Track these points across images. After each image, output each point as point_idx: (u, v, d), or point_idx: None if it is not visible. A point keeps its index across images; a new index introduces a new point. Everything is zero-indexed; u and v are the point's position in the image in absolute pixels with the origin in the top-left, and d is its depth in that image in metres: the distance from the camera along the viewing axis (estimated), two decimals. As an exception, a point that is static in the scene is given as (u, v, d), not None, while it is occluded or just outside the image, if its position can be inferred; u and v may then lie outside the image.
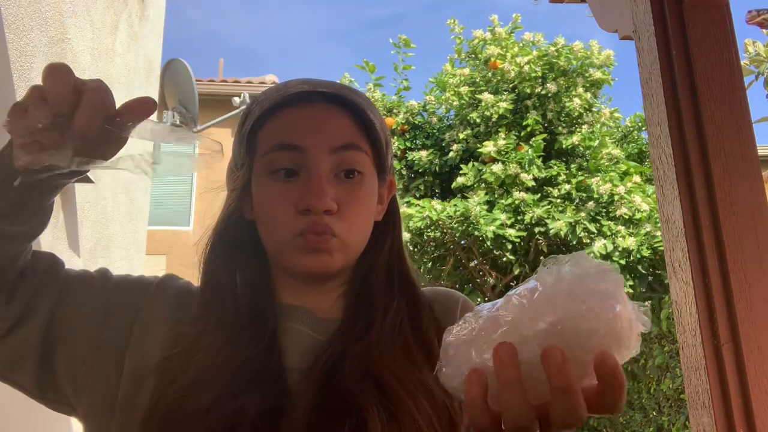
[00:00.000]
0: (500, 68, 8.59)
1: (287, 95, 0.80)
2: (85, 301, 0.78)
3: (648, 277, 7.67)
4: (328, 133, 0.79)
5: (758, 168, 1.16)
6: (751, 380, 1.05)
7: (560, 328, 0.48)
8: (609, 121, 9.38)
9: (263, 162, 0.80)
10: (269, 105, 0.80)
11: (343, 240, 0.78)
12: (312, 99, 0.81)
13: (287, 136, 0.78)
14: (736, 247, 1.11)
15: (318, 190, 0.76)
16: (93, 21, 3.62)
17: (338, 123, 0.80)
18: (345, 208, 0.78)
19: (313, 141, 0.78)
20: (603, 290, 0.49)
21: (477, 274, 8.82)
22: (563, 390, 0.47)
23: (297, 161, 0.78)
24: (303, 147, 0.77)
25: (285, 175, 0.78)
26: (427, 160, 8.65)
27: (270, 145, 0.79)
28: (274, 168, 0.78)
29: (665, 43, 1.23)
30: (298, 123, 0.79)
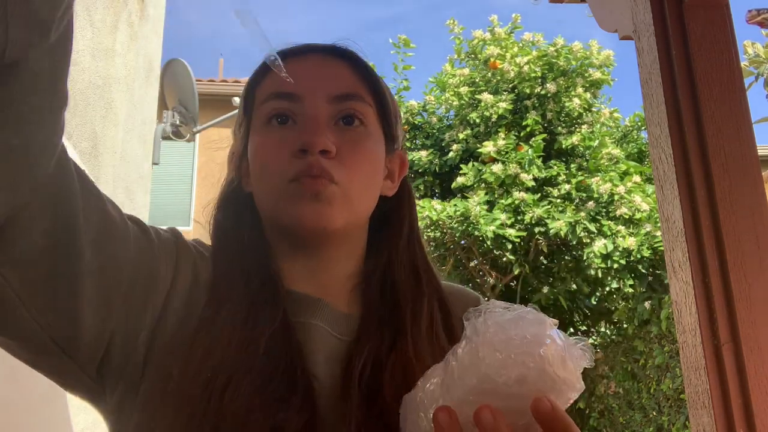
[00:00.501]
0: (500, 68, 8.59)
1: (286, 50, 0.77)
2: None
3: (648, 277, 7.67)
4: (326, 80, 0.74)
5: (758, 168, 1.16)
6: (751, 380, 1.05)
7: (490, 382, 0.48)
8: (609, 121, 9.39)
9: (258, 114, 0.75)
10: (265, 63, 0.77)
11: (344, 189, 0.70)
12: (307, 51, 0.77)
13: (283, 84, 0.72)
14: (736, 247, 1.11)
15: (314, 127, 0.70)
16: (93, 21, 3.62)
17: (337, 71, 0.76)
18: (345, 155, 0.71)
19: (311, 89, 0.73)
20: (524, 336, 0.49)
21: (477, 274, 8.82)
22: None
23: (293, 110, 0.73)
24: (299, 95, 0.72)
25: (280, 122, 0.73)
26: (426, 160, 8.65)
27: (265, 96, 0.75)
28: (269, 116, 0.73)
29: (665, 43, 1.23)
30: (295, 72, 0.73)
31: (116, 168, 4.19)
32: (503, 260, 8.15)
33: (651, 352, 7.07)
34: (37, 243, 0.54)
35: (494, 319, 0.51)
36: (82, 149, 3.44)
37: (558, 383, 0.49)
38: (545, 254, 8.38)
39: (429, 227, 7.79)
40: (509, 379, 0.48)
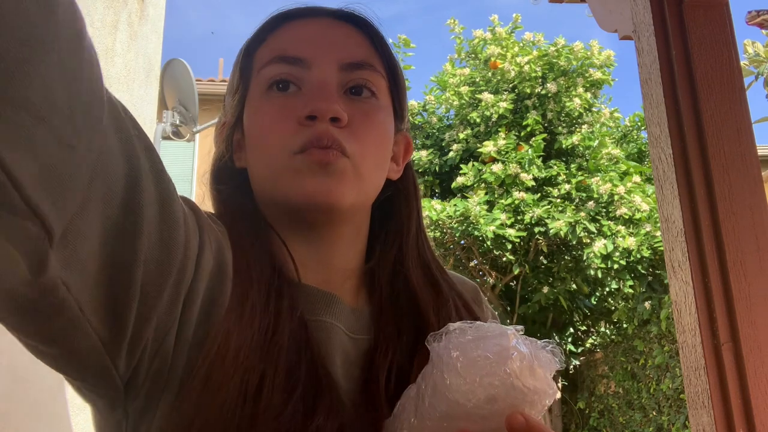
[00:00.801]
0: (500, 68, 8.60)
1: (293, 9, 0.68)
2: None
3: (648, 277, 7.67)
4: (337, 46, 0.66)
5: (758, 168, 1.16)
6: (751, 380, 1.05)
7: (460, 407, 0.48)
8: (609, 121, 9.39)
9: (259, 79, 0.65)
10: (268, 20, 0.68)
11: (355, 163, 0.62)
12: (318, 13, 0.68)
13: (289, 47, 0.65)
14: (736, 247, 1.11)
15: (325, 92, 0.62)
16: (93, 21, 3.62)
17: (349, 37, 0.67)
18: (356, 126, 0.63)
19: (320, 54, 0.64)
20: (487, 356, 0.48)
21: (477, 274, 8.82)
22: None
23: (299, 75, 0.64)
24: (307, 59, 0.64)
25: (282, 88, 0.64)
26: (427, 159, 8.66)
27: (268, 58, 0.65)
28: (272, 81, 0.64)
29: (665, 43, 1.23)
30: (301, 35, 0.66)
31: (116, 168, 4.19)
32: (503, 260, 8.15)
33: (651, 352, 7.07)
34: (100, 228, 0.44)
35: (456, 343, 0.50)
36: (82, 149, 3.44)
37: (529, 395, 0.48)
38: (545, 254, 8.39)
39: (429, 227, 7.79)
40: (479, 401, 0.48)
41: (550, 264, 8.57)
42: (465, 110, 8.78)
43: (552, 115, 8.49)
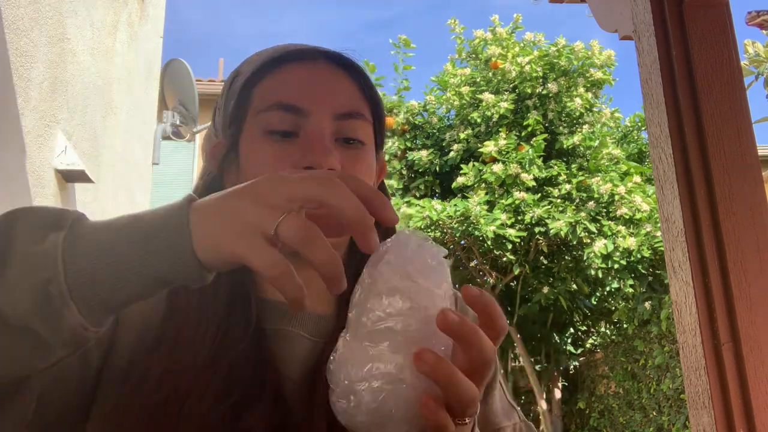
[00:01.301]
0: (501, 68, 8.60)
1: (286, 51, 0.73)
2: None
3: (648, 277, 7.67)
4: (333, 96, 0.72)
5: (758, 168, 1.16)
6: (751, 380, 1.05)
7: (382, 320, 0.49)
8: (609, 121, 9.39)
9: (257, 120, 0.71)
10: (267, 58, 0.73)
11: None
12: (315, 56, 0.74)
13: (288, 94, 0.70)
14: (736, 247, 1.11)
15: (322, 146, 0.67)
16: (93, 21, 3.62)
17: (343, 87, 0.73)
18: (347, 172, 0.68)
19: (317, 104, 0.70)
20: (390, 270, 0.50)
21: (477, 274, 8.82)
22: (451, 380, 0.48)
23: (297, 123, 0.70)
24: (305, 110, 0.70)
25: (282, 135, 0.70)
26: (427, 160, 8.65)
27: (268, 103, 0.71)
28: (271, 128, 0.70)
29: (665, 43, 1.23)
30: (300, 81, 0.71)
31: (116, 168, 4.20)
32: (503, 260, 8.15)
33: (651, 352, 7.07)
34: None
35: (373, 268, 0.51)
36: (82, 149, 3.44)
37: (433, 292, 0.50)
38: (545, 254, 8.39)
39: (429, 227, 7.79)
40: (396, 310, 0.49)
41: (551, 264, 8.56)
42: (466, 110, 8.78)
43: (553, 115, 8.49)
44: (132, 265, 0.46)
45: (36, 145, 2.83)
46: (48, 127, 2.97)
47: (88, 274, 0.45)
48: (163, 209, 0.49)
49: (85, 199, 3.56)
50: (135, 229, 0.47)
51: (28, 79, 2.72)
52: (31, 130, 2.77)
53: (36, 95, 2.81)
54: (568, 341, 9.66)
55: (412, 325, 0.49)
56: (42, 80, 2.88)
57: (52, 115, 3.01)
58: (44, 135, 2.93)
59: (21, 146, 2.69)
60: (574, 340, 9.76)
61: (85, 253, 0.46)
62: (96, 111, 3.71)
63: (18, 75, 2.62)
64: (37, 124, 2.84)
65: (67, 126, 3.21)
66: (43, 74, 2.89)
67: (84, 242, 0.47)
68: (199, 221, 0.47)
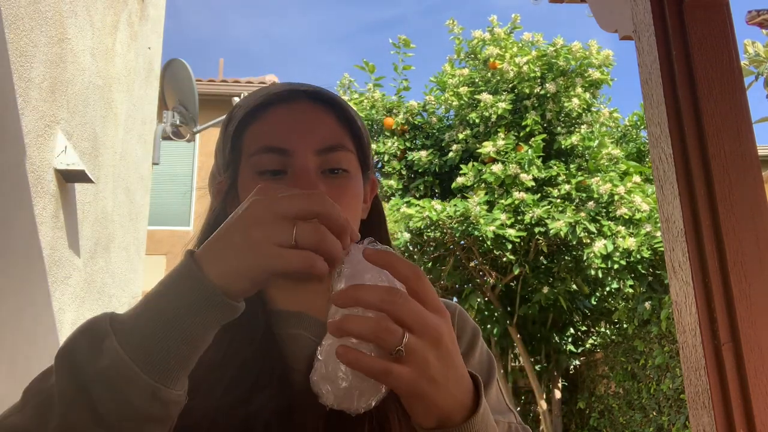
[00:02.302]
0: (499, 68, 8.60)
1: (270, 95, 0.80)
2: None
3: (648, 277, 7.67)
4: (314, 133, 0.79)
5: (758, 168, 1.16)
6: (751, 380, 1.05)
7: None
8: (608, 121, 9.40)
9: (250, 163, 0.79)
10: (253, 105, 0.80)
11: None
12: (295, 97, 0.81)
13: (273, 138, 0.78)
14: (736, 247, 1.11)
15: (307, 181, 0.75)
16: (93, 21, 3.62)
17: (322, 122, 0.80)
18: (335, 201, 0.76)
19: (299, 143, 0.77)
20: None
21: (477, 274, 8.82)
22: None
23: (284, 163, 0.77)
24: (290, 150, 0.77)
25: (272, 174, 0.77)
26: (426, 160, 8.66)
27: (256, 147, 0.78)
28: (262, 169, 0.78)
29: (665, 43, 1.23)
30: (283, 124, 0.79)
31: (116, 168, 4.19)
32: (503, 260, 8.15)
33: (651, 352, 7.07)
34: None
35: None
36: (82, 149, 3.44)
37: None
38: (545, 254, 8.39)
39: (429, 227, 7.79)
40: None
41: (550, 264, 8.57)
42: (464, 111, 8.79)
43: (551, 116, 8.49)
44: (172, 328, 0.55)
45: (36, 145, 2.83)
46: (48, 127, 2.97)
47: (153, 359, 0.54)
48: (172, 271, 0.58)
49: (85, 199, 3.56)
50: (159, 303, 0.56)
51: (28, 79, 2.72)
52: (31, 130, 2.77)
53: (36, 95, 2.81)
54: (568, 341, 9.66)
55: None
56: (42, 80, 2.88)
57: (52, 115, 3.01)
58: (44, 135, 2.93)
59: (21, 146, 2.69)
60: (574, 340, 9.76)
61: (138, 343, 0.54)
62: (96, 111, 3.70)
63: (18, 75, 2.62)
64: (37, 124, 2.84)
65: (67, 126, 3.21)
66: (43, 74, 2.89)
67: (130, 335, 0.55)
68: (208, 260, 0.56)
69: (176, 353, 0.55)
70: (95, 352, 0.54)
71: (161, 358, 0.54)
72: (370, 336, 0.52)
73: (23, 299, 2.78)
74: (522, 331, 9.02)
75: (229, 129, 0.82)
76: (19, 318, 2.74)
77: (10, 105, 2.57)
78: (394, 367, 0.53)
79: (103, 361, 0.54)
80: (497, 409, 0.83)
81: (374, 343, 0.53)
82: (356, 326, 0.52)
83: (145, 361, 0.54)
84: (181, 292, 0.55)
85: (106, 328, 0.55)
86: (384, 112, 9.32)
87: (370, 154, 0.89)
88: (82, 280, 3.52)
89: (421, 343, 0.53)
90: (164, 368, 0.54)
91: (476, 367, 0.86)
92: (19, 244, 2.73)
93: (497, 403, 0.84)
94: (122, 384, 0.53)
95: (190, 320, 0.55)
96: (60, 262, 3.17)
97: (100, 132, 3.81)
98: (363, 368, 0.52)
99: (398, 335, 0.52)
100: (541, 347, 9.35)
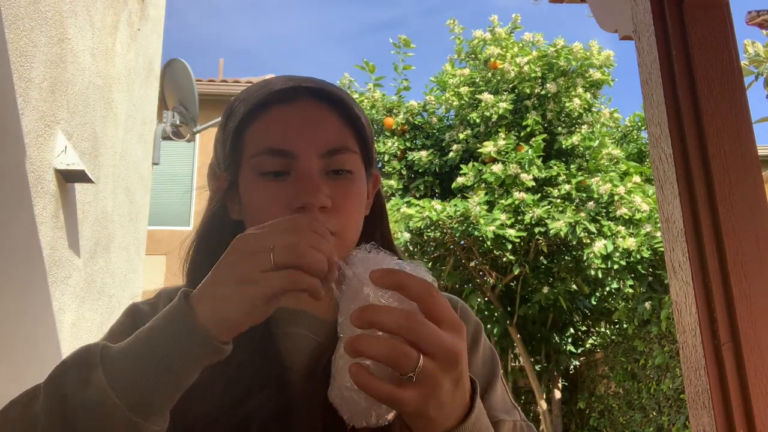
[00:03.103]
0: (500, 68, 8.60)
1: (272, 92, 0.77)
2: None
3: (648, 277, 7.67)
4: (317, 135, 0.76)
5: (758, 168, 1.16)
6: (751, 380, 1.05)
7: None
8: (609, 121, 9.39)
9: (252, 164, 0.77)
10: (254, 102, 0.77)
11: (341, 237, 0.76)
12: (297, 95, 0.78)
13: (276, 139, 0.76)
14: (736, 247, 1.11)
15: (312, 186, 0.73)
16: (93, 21, 3.62)
17: (327, 123, 0.78)
18: (339, 205, 0.75)
19: (303, 145, 0.75)
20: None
21: (477, 274, 8.82)
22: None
23: (287, 165, 0.75)
24: (293, 152, 0.75)
25: (275, 175, 0.76)
26: (427, 160, 8.66)
27: (258, 148, 0.76)
28: (264, 170, 0.76)
29: (665, 43, 1.23)
30: (285, 124, 0.76)
31: (116, 168, 4.20)
32: (503, 260, 8.15)
33: (651, 352, 7.06)
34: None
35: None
36: (82, 149, 3.44)
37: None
38: (545, 254, 8.39)
39: (429, 227, 7.79)
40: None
41: (550, 264, 8.56)
42: (465, 110, 8.78)
43: (552, 116, 8.49)
44: (159, 368, 0.57)
45: (36, 145, 2.83)
46: (48, 127, 2.97)
47: (137, 395, 0.56)
48: (166, 310, 0.59)
49: (85, 199, 3.56)
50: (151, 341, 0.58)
51: (28, 79, 2.72)
52: (31, 130, 2.77)
53: (36, 95, 2.81)
54: (568, 341, 9.66)
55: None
56: (42, 80, 2.88)
57: (52, 115, 3.01)
58: (44, 135, 2.93)
59: (21, 146, 2.69)
60: (574, 340, 9.76)
61: (124, 378, 0.57)
62: (96, 111, 3.70)
63: (18, 75, 2.62)
64: (37, 124, 2.84)
65: (67, 126, 3.21)
66: (43, 74, 2.89)
67: (118, 370, 0.57)
68: (199, 300, 0.58)
69: (161, 392, 0.57)
70: (83, 383, 0.57)
71: (145, 395, 0.56)
72: (386, 360, 0.52)
73: (23, 299, 2.78)
74: (522, 331, 9.01)
75: (230, 125, 0.80)
76: (19, 318, 2.74)
77: (10, 105, 2.57)
78: (403, 394, 0.52)
79: (90, 391, 0.56)
80: (503, 407, 0.82)
81: (389, 366, 0.52)
82: (372, 349, 0.52)
83: (129, 396, 0.56)
84: (172, 334, 0.57)
85: (97, 359, 0.58)
86: (384, 112, 9.32)
87: (374, 150, 0.87)
88: (82, 280, 3.52)
89: (436, 367, 0.53)
90: (147, 405, 0.56)
91: (480, 366, 0.85)
92: (19, 244, 2.73)
93: (503, 402, 0.83)
94: (104, 416, 0.55)
95: (178, 362, 0.57)
96: (60, 262, 3.17)
97: (100, 132, 3.81)
98: (371, 392, 0.52)
99: (413, 360, 0.52)
100: (541, 347, 9.34)
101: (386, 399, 0.53)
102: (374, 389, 0.52)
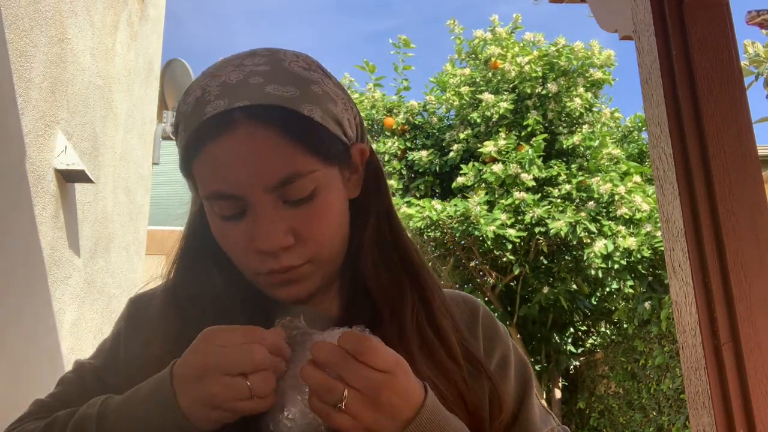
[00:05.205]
0: (501, 68, 8.60)
1: (206, 120, 0.68)
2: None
3: (648, 277, 7.67)
4: (262, 168, 0.67)
5: (758, 168, 1.16)
6: (751, 380, 1.05)
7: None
8: (609, 121, 9.39)
9: (207, 205, 0.73)
10: (192, 130, 0.70)
11: (315, 262, 0.73)
12: (231, 121, 0.67)
13: (220, 182, 0.69)
14: (736, 247, 1.11)
15: (266, 231, 0.68)
16: (93, 21, 3.62)
17: (269, 151, 0.67)
18: (304, 234, 0.70)
19: (248, 185, 0.68)
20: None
21: (477, 274, 8.82)
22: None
23: (240, 206, 0.70)
24: (240, 195, 0.68)
25: (231, 218, 0.71)
26: (427, 160, 8.65)
27: (207, 191, 0.71)
28: (221, 215, 0.71)
29: (665, 43, 1.23)
30: (226, 161, 0.68)
31: (116, 168, 4.20)
32: (503, 260, 8.15)
33: (651, 352, 7.06)
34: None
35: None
36: (82, 149, 3.44)
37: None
38: (545, 254, 8.39)
39: (429, 227, 7.79)
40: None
41: (551, 264, 8.56)
42: (465, 110, 8.78)
43: (552, 115, 8.49)
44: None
45: (36, 145, 2.84)
46: (48, 127, 2.97)
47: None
48: (154, 383, 0.66)
49: (85, 199, 3.56)
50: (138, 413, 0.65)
51: (28, 79, 2.72)
52: (31, 130, 2.77)
53: (36, 95, 2.81)
54: (568, 341, 9.66)
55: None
56: (42, 80, 2.88)
57: (52, 115, 3.01)
58: (44, 135, 2.93)
59: (21, 146, 2.69)
60: (574, 340, 9.76)
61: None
62: (96, 111, 3.71)
63: (18, 75, 2.62)
64: (37, 124, 2.84)
65: (67, 126, 3.21)
66: (43, 74, 2.89)
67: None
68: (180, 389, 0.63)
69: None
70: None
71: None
72: (314, 389, 0.60)
73: (23, 299, 2.78)
74: (522, 331, 9.02)
75: (179, 143, 0.74)
76: (19, 318, 2.74)
77: (10, 105, 2.57)
78: (336, 420, 0.60)
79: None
80: (541, 419, 0.81)
81: (317, 396, 0.60)
82: (308, 378, 0.60)
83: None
84: (155, 413, 0.63)
85: (93, 426, 0.65)
86: (384, 112, 9.32)
87: (350, 125, 0.75)
88: (82, 280, 3.52)
89: (360, 400, 0.60)
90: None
91: (513, 383, 0.82)
92: (19, 244, 2.73)
93: (539, 414, 0.82)
94: None
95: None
96: (60, 262, 3.17)
97: (100, 132, 3.81)
98: (312, 407, 0.61)
99: (338, 393, 0.59)
100: (541, 347, 9.34)
101: (323, 416, 0.60)
102: (314, 404, 0.61)
